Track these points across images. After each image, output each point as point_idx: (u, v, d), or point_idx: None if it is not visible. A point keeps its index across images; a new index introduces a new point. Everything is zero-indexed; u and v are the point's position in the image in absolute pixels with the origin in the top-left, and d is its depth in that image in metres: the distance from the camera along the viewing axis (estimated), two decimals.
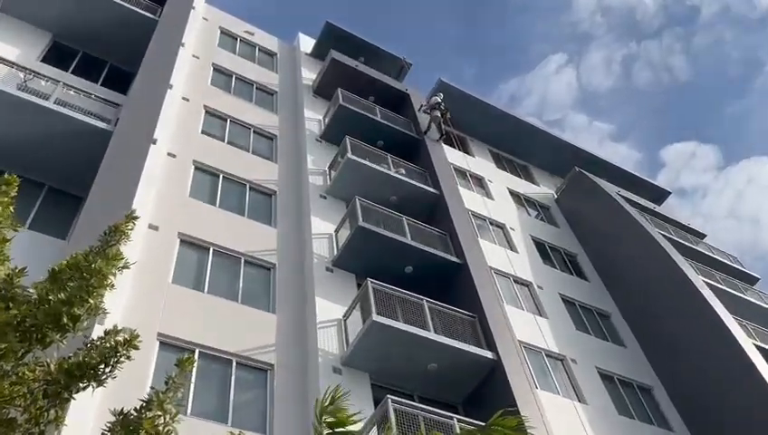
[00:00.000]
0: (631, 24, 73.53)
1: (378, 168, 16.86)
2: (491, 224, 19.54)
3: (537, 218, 22.17)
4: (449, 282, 14.92)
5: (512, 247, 18.92)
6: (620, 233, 20.79)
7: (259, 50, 22.53)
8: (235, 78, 19.84)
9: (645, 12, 73.24)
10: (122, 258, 4.57)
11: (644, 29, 74.39)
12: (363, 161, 16.69)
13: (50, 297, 3.87)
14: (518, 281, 17.48)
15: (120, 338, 3.92)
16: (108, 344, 3.97)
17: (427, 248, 14.70)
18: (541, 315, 16.63)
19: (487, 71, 75.47)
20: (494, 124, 24.53)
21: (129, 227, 4.79)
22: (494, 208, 20.27)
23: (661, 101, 76.69)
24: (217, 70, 19.67)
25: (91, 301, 3.95)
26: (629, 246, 20.25)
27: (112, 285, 4.38)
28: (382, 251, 14.31)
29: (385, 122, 19.66)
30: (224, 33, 21.99)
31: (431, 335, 12.18)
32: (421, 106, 21.33)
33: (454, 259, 14.95)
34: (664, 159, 78.01)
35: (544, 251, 20.15)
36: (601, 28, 76.48)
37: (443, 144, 20.88)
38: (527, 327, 15.47)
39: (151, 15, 17.81)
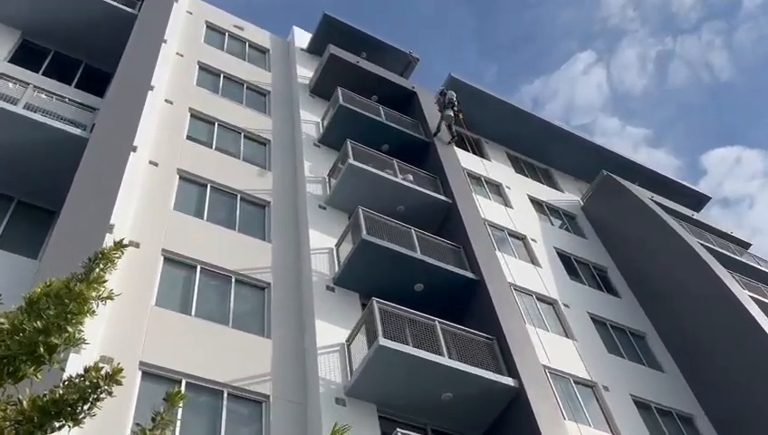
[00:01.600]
0: (666, 18, 73.14)
1: (383, 174, 16.91)
2: (510, 235, 19.54)
3: (562, 229, 22.14)
4: (464, 301, 14.89)
5: (534, 261, 18.89)
6: (655, 243, 20.72)
7: (249, 46, 22.67)
8: (224, 77, 19.98)
9: (681, 4, 73.01)
10: (105, 281, 4.57)
11: (680, 23, 74.09)
12: (366, 167, 16.73)
13: (24, 326, 3.86)
14: (542, 299, 17.43)
15: (101, 373, 3.91)
16: (88, 381, 3.96)
17: (438, 263, 14.69)
18: (568, 337, 16.55)
19: (507, 70, 75.05)
20: (511, 124, 24.60)
21: (117, 255, 4.80)
22: (514, 218, 20.26)
23: (701, 102, 76.29)
24: (204, 69, 19.82)
25: (70, 329, 3.95)
26: (665, 257, 20.18)
27: (93, 311, 4.38)
28: (389, 267, 14.31)
29: (390, 124, 19.73)
30: (210, 27, 22.16)
31: (445, 361, 12.13)
32: (441, 94, 21.16)
33: (469, 275, 14.94)
34: (705, 165, 77.53)
35: (570, 265, 20.11)
36: (633, 23, 76.04)
37: (455, 147, 20.91)
38: (553, 351, 15.39)
39: (130, 9, 17.96)
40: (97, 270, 4.36)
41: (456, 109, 20.70)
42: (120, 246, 4.71)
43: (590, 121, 76.47)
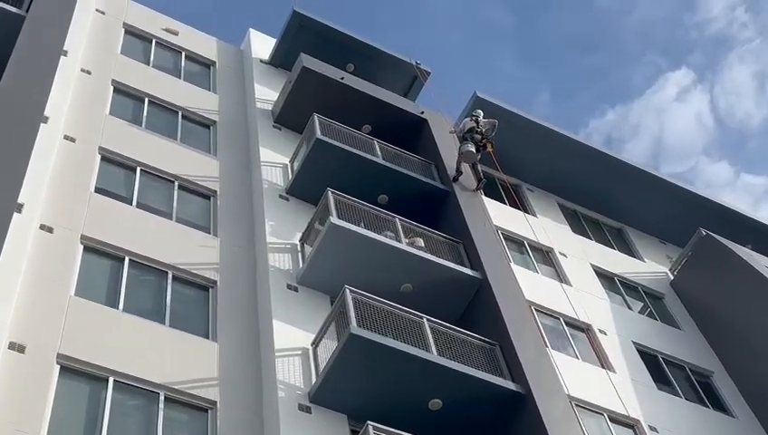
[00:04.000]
0: None
1: (380, 238, 16.94)
2: (568, 325, 19.52)
3: (643, 314, 22.12)
4: (503, 423, 14.77)
5: (604, 364, 18.81)
6: None
7: (187, 57, 23.12)
8: (149, 103, 20.34)
9: None
10: None
11: None
12: (356, 229, 16.79)
13: None
14: (617, 419, 17.29)
15: None
16: None
17: (464, 370, 14.57)
18: None
19: (565, 97, 73.31)
20: (566, 164, 24.87)
21: None
22: (573, 299, 20.20)
23: None
24: (120, 91, 20.19)
25: None
26: None
27: None
28: (392, 375, 14.21)
29: (389, 165, 19.85)
30: (130, 33, 22.65)
31: None
32: (454, 130, 21.49)
33: (509, 386, 14.85)
34: None
35: (658, 368, 20.02)
36: (747, 29, 74.82)
37: (482, 195, 20.98)
38: None
39: (13, 9, 18.34)
40: None
41: (480, 137, 20.62)
42: None
43: (688, 168, 74.80)
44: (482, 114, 21.47)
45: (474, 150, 20.50)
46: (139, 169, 17.93)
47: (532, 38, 69.79)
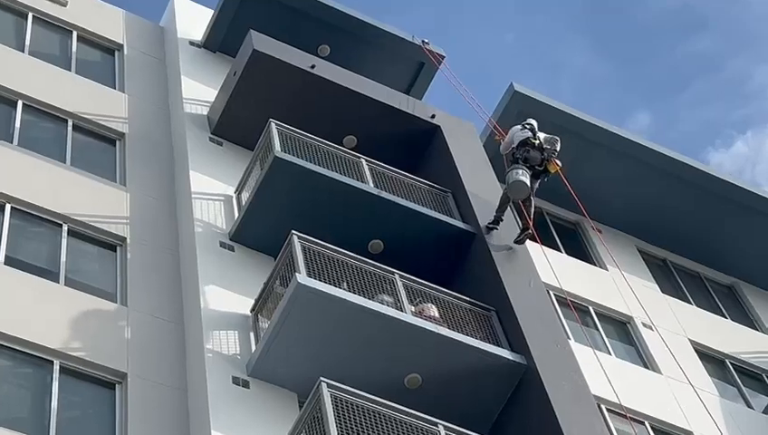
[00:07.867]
0: None
1: (372, 306, 16.85)
2: (657, 434, 19.53)
3: None
4: None
5: None
6: None
7: (81, 39, 23.40)
8: (24, 108, 20.47)
9: None
10: None
11: None
12: (336, 293, 16.71)
13: None
14: None
15: None
16: None
17: None
18: None
19: (667, 110, 73.16)
20: (651, 191, 25.07)
21: None
22: (662, 394, 20.11)
23: None
24: None
25: None
26: None
27: None
28: None
29: (384, 196, 19.90)
30: None
31: None
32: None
33: None
34: None
35: None
36: None
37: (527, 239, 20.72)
38: None
39: None
40: None
41: (541, 155, 20.08)
42: None
43: None
44: (536, 124, 20.82)
45: (527, 181, 19.69)
46: (8, 206, 17.94)
47: (609, 18, 69.41)
